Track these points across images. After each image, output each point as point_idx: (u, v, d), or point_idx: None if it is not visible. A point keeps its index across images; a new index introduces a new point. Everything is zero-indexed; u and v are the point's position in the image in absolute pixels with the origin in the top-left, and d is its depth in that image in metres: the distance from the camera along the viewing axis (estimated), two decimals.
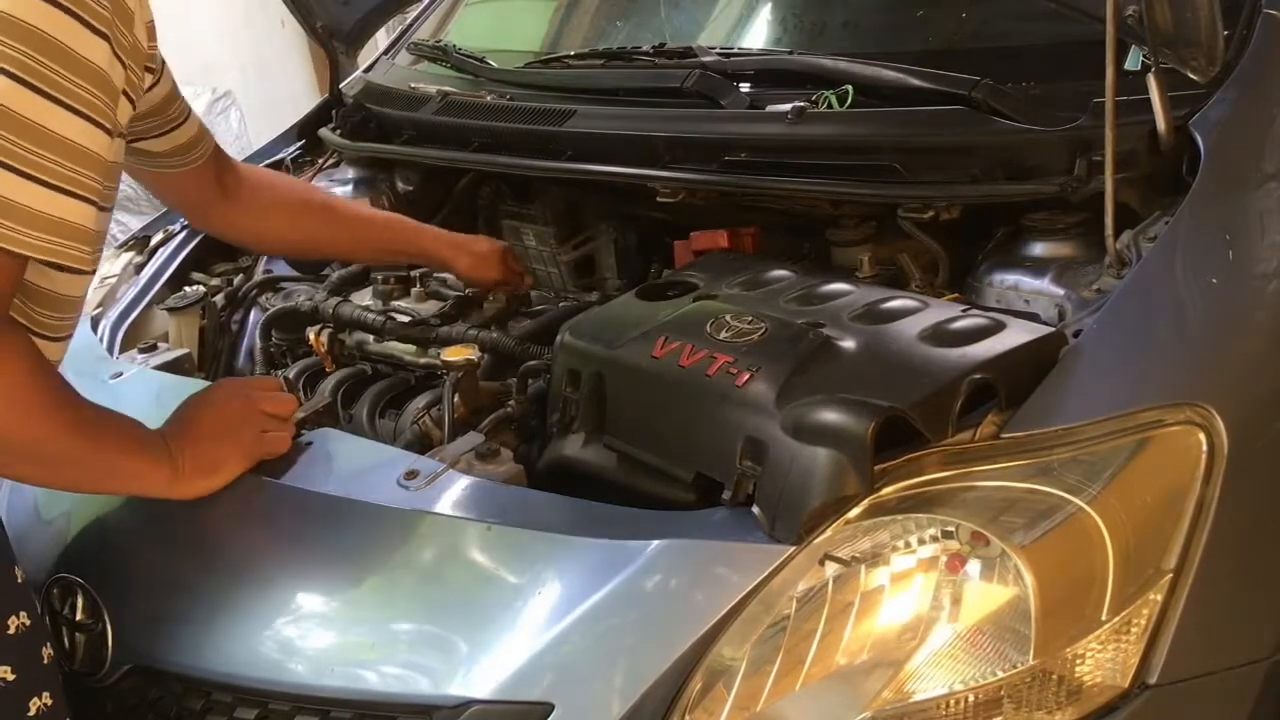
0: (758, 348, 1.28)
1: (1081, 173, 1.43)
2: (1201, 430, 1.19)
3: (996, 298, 1.50)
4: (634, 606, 1.17)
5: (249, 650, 1.27)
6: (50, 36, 1.11)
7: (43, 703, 1.24)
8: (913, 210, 1.53)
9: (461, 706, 1.16)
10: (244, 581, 1.34)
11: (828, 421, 1.16)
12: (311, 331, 1.79)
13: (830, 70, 1.67)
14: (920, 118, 1.56)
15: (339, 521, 1.34)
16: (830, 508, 1.14)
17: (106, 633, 1.35)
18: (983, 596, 1.14)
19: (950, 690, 1.13)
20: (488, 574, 1.27)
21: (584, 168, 1.75)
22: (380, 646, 1.25)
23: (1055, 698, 1.14)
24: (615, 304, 1.52)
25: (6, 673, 1.21)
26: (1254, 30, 1.53)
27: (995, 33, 1.85)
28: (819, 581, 1.15)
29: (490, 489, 1.34)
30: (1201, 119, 1.44)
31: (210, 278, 2.02)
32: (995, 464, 1.19)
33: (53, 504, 1.52)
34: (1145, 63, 1.42)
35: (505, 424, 1.51)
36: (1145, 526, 1.18)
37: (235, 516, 1.41)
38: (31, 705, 1.23)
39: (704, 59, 1.81)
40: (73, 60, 1.13)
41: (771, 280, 1.48)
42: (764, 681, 1.13)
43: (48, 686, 1.25)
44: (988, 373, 1.20)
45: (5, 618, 1.22)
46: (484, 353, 1.63)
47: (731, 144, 1.65)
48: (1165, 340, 1.30)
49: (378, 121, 2.09)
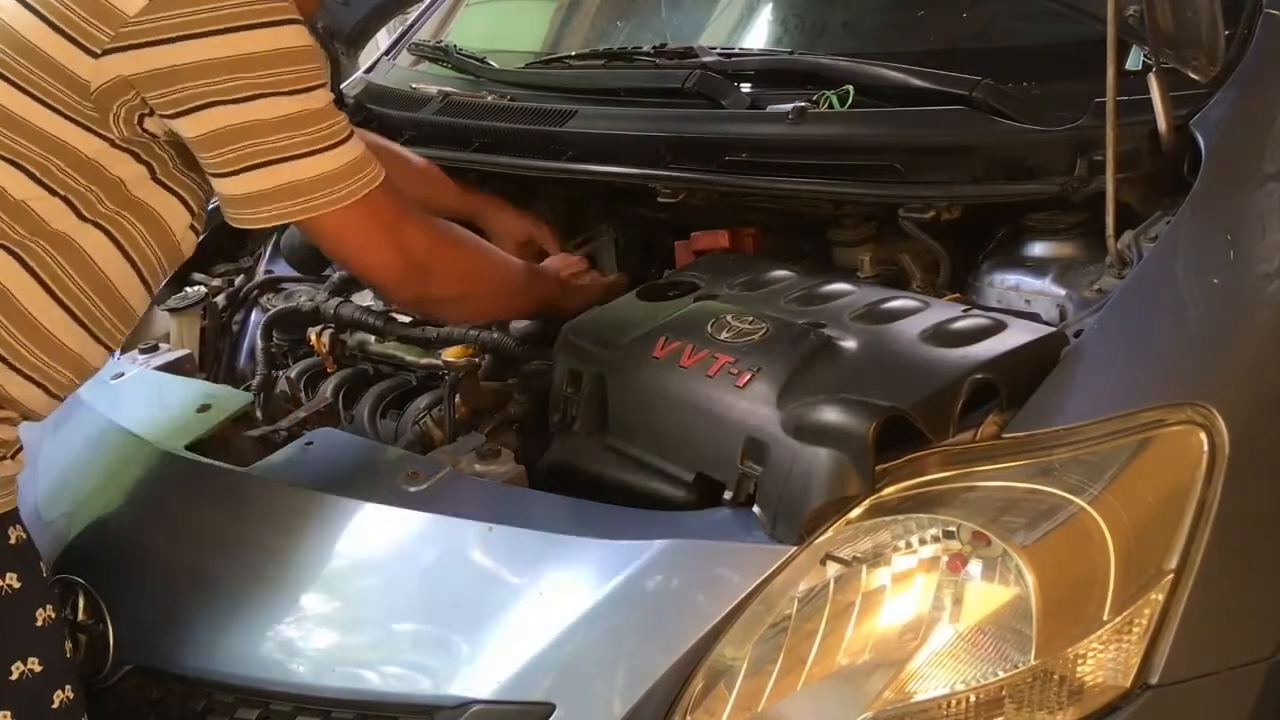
0: (759, 348, 1.28)
1: (1082, 173, 1.43)
2: (1203, 430, 1.19)
3: (997, 298, 1.49)
4: (635, 607, 1.17)
5: (250, 650, 1.27)
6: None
7: (65, 695, 1.26)
8: (914, 210, 1.53)
9: (463, 707, 1.16)
10: (246, 582, 1.34)
11: (829, 421, 1.16)
12: (313, 332, 1.79)
13: (831, 70, 1.67)
14: (921, 118, 1.56)
15: (340, 522, 1.34)
16: (831, 508, 1.14)
17: (108, 633, 1.35)
18: (984, 596, 1.14)
19: (952, 690, 1.13)
20: (489, 574, 1.27)
21: (585, 168, 1.75)
22: (382, 647, 1.25)
23: (1057, 698, 1.14)
24: (616, 304, 1.52)
25: (35, 664, 1.23)
26: (1255, 30, 1.53)
27: (996, 33, 1.85)
28: (820, 582, 1.15)
29: (491, 489, 1.34)
30: (1202, 119, 1.44)
31: (211, 278, 2.02)
32: (996, 464, 1.19)
33: (53, 505, 1.52)
34: (1146, 62, 1.42)
35: (506, 424, 1.51)
36: (1147, 526, 1.18)
37: (236, 517, 1.41)
38: (55, 698, 1.25)
39: (705, 59, 1.81)
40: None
41: (772, 280, 1.48)
42: (765, 682, 1.13)
43: (69, 680, 1.27)
44: (989, 373, 1.20)
45: (34, 609, 1.24)
46: (485, 353, 1.63)
47: (732, 144, 1.65)
48: (1166, 340, 1.30)
49: (379, 122, 2.09)
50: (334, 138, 1.27)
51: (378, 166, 1.33)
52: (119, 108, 1.22)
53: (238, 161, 1.23)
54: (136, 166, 1.27)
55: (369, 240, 1.35)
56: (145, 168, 1.28)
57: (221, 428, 1.52)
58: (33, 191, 1.23)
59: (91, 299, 1.29)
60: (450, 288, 1.47)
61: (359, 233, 1.34)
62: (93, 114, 1.22)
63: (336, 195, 1.28)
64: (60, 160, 1.23)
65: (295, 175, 1.25)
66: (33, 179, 1.23)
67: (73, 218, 1.25)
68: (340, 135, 1.28)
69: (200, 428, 1.51)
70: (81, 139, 1.23)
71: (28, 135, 1.22)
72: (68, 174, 1.24)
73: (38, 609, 1.25)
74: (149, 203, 1.30)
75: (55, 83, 1.21)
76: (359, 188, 1.29)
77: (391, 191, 1.36)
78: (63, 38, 1.20)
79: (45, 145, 1.23)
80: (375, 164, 1.32)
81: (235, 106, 1.21)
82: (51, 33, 1.21)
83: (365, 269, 1.44)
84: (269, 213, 1.27)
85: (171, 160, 1.30)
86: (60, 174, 1.23)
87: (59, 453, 1.60)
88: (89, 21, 1.19)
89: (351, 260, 1.42)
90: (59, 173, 1.23)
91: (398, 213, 1.37)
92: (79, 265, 1.27)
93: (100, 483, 1.52)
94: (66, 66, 1.20)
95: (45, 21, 1.21)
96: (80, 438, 1.59)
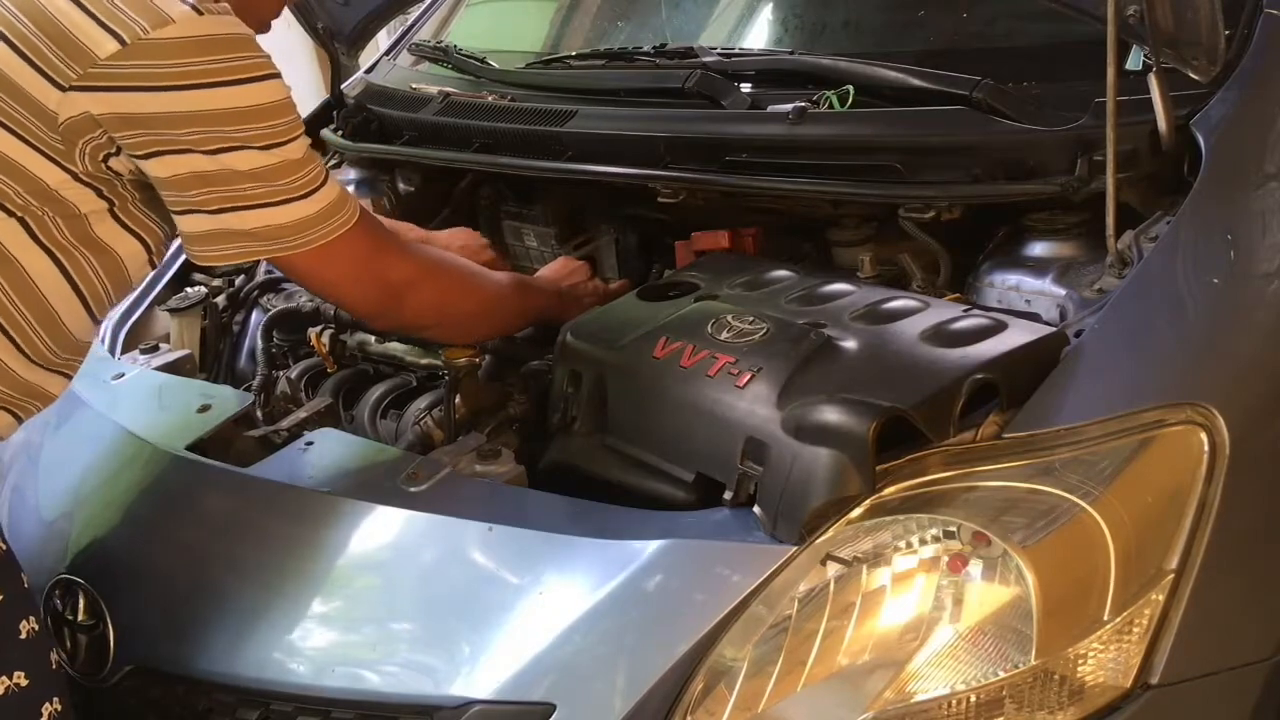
0: (759, 348, 1.28)
1: (1083, 172, 1.43)
2: (1203, 430, 1.19)
3: (998, 298, 1.49)
4: (635, 607, 1.17)
5: (251, 650, 1.27)
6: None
7: (54, 708, 1.24)
8: (914, 210, 1.53)
9: (463, 707, 1.16)
10: (246, 582, 1.34)
11: (829, 421, 1.16)
12: (313, 332, 1.79)
13: (831, 70, 1.67)
14: (921, 118, 1.56)
15: (341, 522, 1.34)
16: (832, 508, 1.14)
17: (108, 633, 1.35)
18: (984, 597, 1.14)
19: (952, 690, 1.13)
20: (489, 574, 1.27)
21: (585, 168, 1.75)
22: (382, 647, 1.25)
23: (1057, 698, 1.14)
24: (616, 305, 1.52)
25: (20, 678, 1.21)
26: (1255, 30, 1.53)
27: (996, 33, 1.85)
28: (821, 582, 1.15)
29: (491, 489, 1.34)
30: (1203, 119, 1.44)
31: (211, 278, 2.02)
32: (997, 464, 1.19)
33: (53, 505, 1.52)
34: (1146, 62, 1.42)
35: (506, 424, 1.51)
36: (1147, 526, 1.18)
37: (237, 517, 1.41)
38: (44, 710, 1.23)
39: (705, 59, 1.81)
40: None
41: (773, 280, 1.48)
42: (766, 682, 1.13)
43: (57, 691, 1.25)
44: (989, 373, 1.20)
45: (16, 622, 1.23)
46: (484, 353, 1.63)
47: (732, 144, 1.65)
48: (1167, 340, 1.30)
49: (379, 122, 2.09)
50: (307, 187, 1.26)
51: (353, 205, 1.31)
52: (84, 144, 1.20)
53: (208, 202, 1.22)
54: (98, 202, 1.25)
55: (341, 276, 1.35)
56: (106, 203, 1.26)
57: (222, 428, 1.52)
58: None
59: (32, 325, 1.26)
60: (431, 314, 1.46)
61: (331, 270, 1.33)
62: (59, 146, 1.20)
63: (309, 238, 1.27)
64: (20, 187, 1.21)
65: (267, 220, 1.24)
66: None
67: (25, 238, 1.23)
68: (314, 183, 1.26)
69: (200, 428, 1.51)
70: (45, 169, 1.21)
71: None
72: (26, 200, 1.22)
73: (20, 621, 1.23)
74: (108, 242, 1.28)
75: (24, 111, 1.19)
76: (330, 231, 1.28)
77: (368, 228, 1.35)
78: (31, 68, 1.18)
79: (8, 171, 1.20)
80: (351, 204, 1.31)
81: (205, 157, 1.19)
82: (21, 62, 1.19)
83: (339, 301, 1.45)
84: (234, 250, 1.25)
85: (132, 199, 1.28)
86: (18, 199, 1.21)
87: (59, 453, 1.60)
88: (58, 55, 1.17)
89: (324, 294, 1.43)
90: (16, 197, 1.21)
91: (373, 248, 1.36)
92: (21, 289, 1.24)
93: (100, 483, 1.52)
94: (35, 97, 1.18)
95: (15, 50, 1.19)
96: (80, 438, 1.59)
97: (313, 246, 1.27)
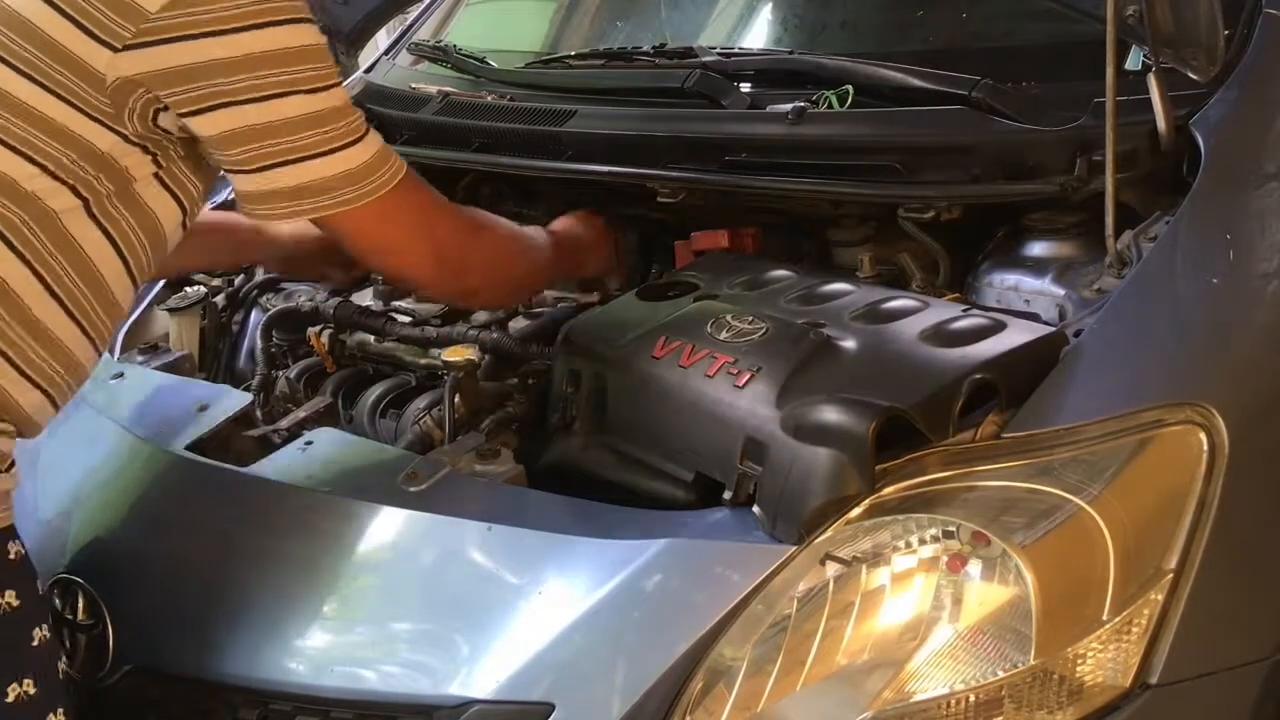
0: (758, 348, 1.28)
1: (1082, 172, 1.43)
2: (1202, 430, 1.19)
3: (997, 298, 1.49)
4: (635, 606, 1.17)
5: (250, 650, 1.27)
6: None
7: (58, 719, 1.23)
8: (913, 210, 1.53)
9: (462, 706, 1.16)
10: (245, 582, 1.34)
11: (828, 421, 1.16)
12: (312, 332, 1.79)
13: (830, 70, 1.67)
14: (920, 118, 1.56)
15: (340, 522, 1.34)
16: (831, 507, 1.14)
17: (107, 633, 1.35)
18: (983, 596, 1.14)
19: (951, 690, 1.13)
20: (488, 574, 1.27)
21: (584, 168, 1.75)
22: (381, 646, 1.25)
23: (1056, 698, 1.14)
24: (616, 304, 1.52)
25: (30, 686, 1.20)
26: (1254, 30, 1.53)
27: (995, 32, 1.85)
28: (820, 581, 1.15)
29: (491, 489, 1.34)
30: (1202, 119, 1.44)
31: (211, 278, 2.02)
32: (996, 464, 1.19)
33: (53, 505, 1.52)
34: (1146, 62, 1.42)
35: (506, 424, 1.50)
36: (1146, 526, 1.18)
37: (236, 517, 1.41)
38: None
39: (704, 59, 1.81)
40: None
41: (772, 280, 1.48)
42: (765, 681, 1.13)
43: (62, 702, 1.24)
44: (989, 373, 1.20)
45: (30, 629, 1.22)
46: (484, 353, 1.63)
47: (732, 144, 1.65)
48: (1166, 340, 1.30)
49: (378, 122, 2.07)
50: (353, 134, 1.26)
51: (399, 160, 1.31)
52: (134, 103, 1.21)
53: (256, 160, 1.22)
54: (147, 163, 1.26)
55: (396, 237, 1.34)
56: (153, 165, 1.27)
57: (221, 428, 1.51)
58: (45, 185, 1.21)
59: (84, 293, 1.27)
60: (485, 276, 1.46)
61: (385, 230, 1.32)
62: (108, 109, 1.21)
63: (360, 192, 1.26)
64: (74, 153, 1.22)
65: (316, 173, 1.24)
66: (46, 173, 1.21)
67: (82, 214, 1.24)
68: (359, 132, 1.27)
69: (200, 428, 1.50)
70: (96, 133, 1.21)
71: (42, 128, 1.21)
72: (81, 166, 1.22)
73: (34, 628, 1.22)
74: (149, 203, 1.29)
75: (72, 76, 1.20)
76: (382, 183, 1.28)
77: (417, 184, 1.34)
78: (81, 31, 1.18)
79: (60, 139, 1.21)
80: (396, 158, 1.31)
81: (253, 106, 1.20)
82: (69, 26, 1.19)
83: (396, 269, 1.42)
84: (287, 209, 1.26)
85: (179, 156, 1.29)
86: (73, 166, 1.22)
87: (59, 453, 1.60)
88: (110, 17, 1.17)
89: (380, 260, 1.41)
90: (72, 165, 1.22)
91: (426, 205, 1.36)
92: (76, 262, 1.25)
93: (100, 483, 1.52)
94: (84, 60, 1.19)
95: (63, 14, 1.19)
96: (80, 438, 1.58)
97: (365, 201, 1.27)
